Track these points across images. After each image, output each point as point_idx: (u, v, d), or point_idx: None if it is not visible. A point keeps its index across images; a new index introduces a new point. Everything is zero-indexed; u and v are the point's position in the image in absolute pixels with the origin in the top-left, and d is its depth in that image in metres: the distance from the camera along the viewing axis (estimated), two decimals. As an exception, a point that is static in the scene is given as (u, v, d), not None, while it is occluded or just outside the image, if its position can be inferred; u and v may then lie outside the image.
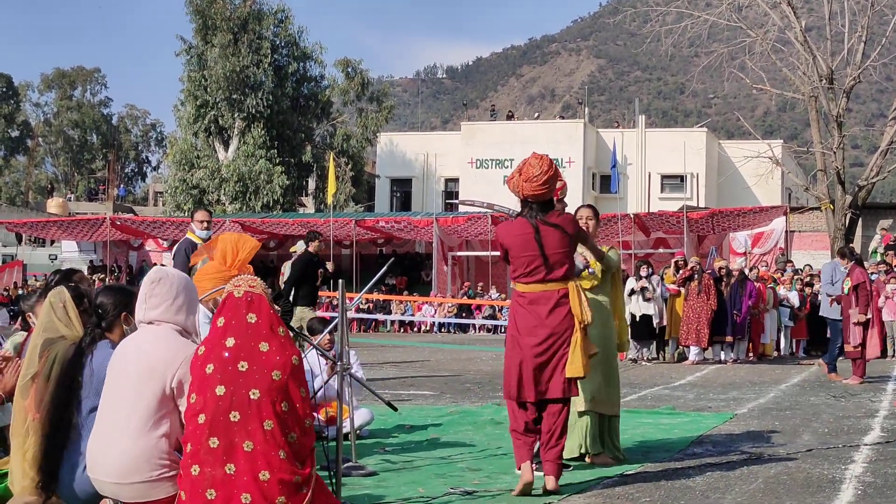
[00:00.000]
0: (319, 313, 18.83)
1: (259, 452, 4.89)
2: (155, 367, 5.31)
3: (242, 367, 5.00)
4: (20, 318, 7.84)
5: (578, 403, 8.18)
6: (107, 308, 5.78)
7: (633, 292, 20.62)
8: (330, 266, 17.20)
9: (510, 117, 63.36)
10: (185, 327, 5.54)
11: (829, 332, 18.87)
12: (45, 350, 5.75)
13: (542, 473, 7.23)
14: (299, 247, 18.85)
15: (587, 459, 8.25)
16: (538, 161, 7.22)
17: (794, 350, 24.57)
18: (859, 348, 16.08)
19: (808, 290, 25.00)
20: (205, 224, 11.93)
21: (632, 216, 37.50)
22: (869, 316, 16.12)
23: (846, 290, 16.30)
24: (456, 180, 55.68)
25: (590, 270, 8.22)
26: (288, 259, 18.71)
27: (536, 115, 73.43)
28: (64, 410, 5.55)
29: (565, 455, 7.91)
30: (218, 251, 6.78)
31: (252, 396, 4.95)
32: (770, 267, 26.95)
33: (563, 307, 7.13)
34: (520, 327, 7.21)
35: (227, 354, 5.03)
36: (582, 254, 8.08)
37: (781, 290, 24.12)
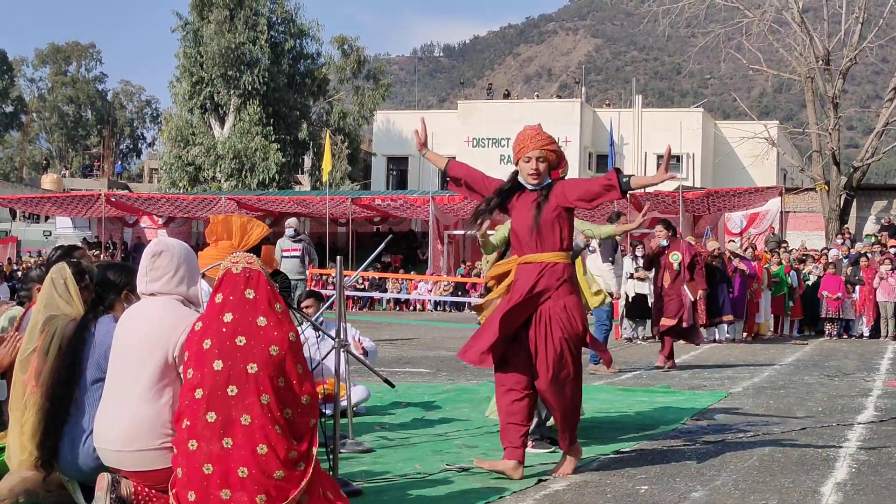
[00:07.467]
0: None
1: (257, 426, 4.88)
2: (158, 336, 5.30)
3: (240, 341, 4.99)
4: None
5: None
6: (108, 286, 5.78)
7: (630, 276, 20.77)
8: None
9: (507, 96, 63.28)
10: (187, 297, 5.54)
11: None
12: (45, 325, 5.76)
13: (537, 451, 7.30)
14: (292, 222, 18.79)
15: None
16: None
17: (788, 330, 24.64)
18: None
19: (802, 267, 25.10)
20: None
21: (627, 196, 37.46)
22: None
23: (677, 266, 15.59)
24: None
25: (590, 249, 8.25)
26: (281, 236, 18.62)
27: (536, 94, 73.25)
28: (65, 386, 5.55)
29: None
30: (225, 231, 6.70)
31: (250, 370, 4.94)
32: (758, 247, 26.98)
33: None
34: None
35: (224, 329, 5.03)
36: (583, 232, 8.11)
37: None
